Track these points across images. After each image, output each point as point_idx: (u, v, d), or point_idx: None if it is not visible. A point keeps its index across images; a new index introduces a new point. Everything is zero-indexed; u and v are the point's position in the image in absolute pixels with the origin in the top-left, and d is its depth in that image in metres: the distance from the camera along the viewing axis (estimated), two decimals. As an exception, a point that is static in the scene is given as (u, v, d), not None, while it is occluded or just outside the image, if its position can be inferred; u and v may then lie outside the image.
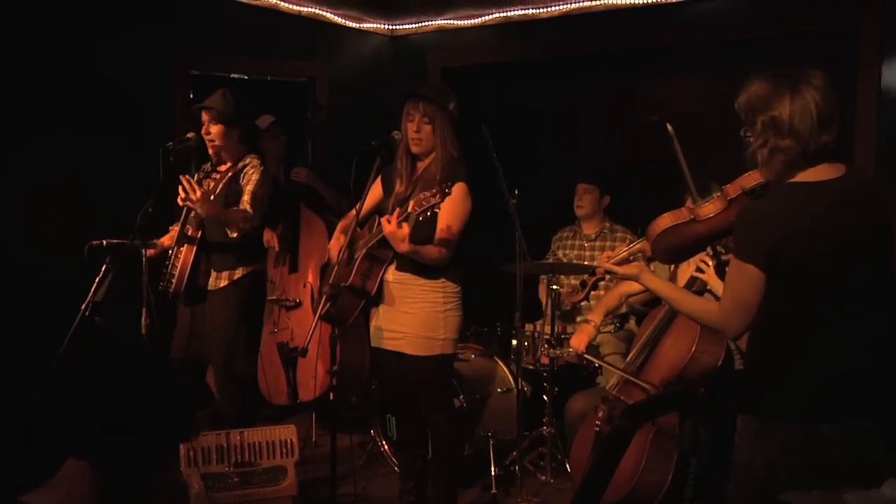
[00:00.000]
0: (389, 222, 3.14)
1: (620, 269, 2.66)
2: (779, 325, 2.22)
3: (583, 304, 4.70)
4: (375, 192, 3.58)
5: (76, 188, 4.59)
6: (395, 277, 3.45)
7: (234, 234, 3.90)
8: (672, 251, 2.52)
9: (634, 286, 4.00)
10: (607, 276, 2.77)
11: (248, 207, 3.89)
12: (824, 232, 2.14)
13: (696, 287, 3.42)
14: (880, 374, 2.18)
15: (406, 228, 3.16)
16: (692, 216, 2.42)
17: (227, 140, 3.98)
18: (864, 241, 2.17)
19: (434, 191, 3.02)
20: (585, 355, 3.89)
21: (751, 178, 2.34)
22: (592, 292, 2.96)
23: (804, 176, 2.18)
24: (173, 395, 1.44)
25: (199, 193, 3.67)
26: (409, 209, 3.08)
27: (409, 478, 3.69)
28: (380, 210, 3.55)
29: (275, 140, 5.10)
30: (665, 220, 2.46)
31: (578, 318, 4.60)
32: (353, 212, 3.58)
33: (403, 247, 3.19)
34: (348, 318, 3.52)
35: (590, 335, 3.88)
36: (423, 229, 3.30)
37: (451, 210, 3.28)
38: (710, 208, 2.39)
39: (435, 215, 3.19)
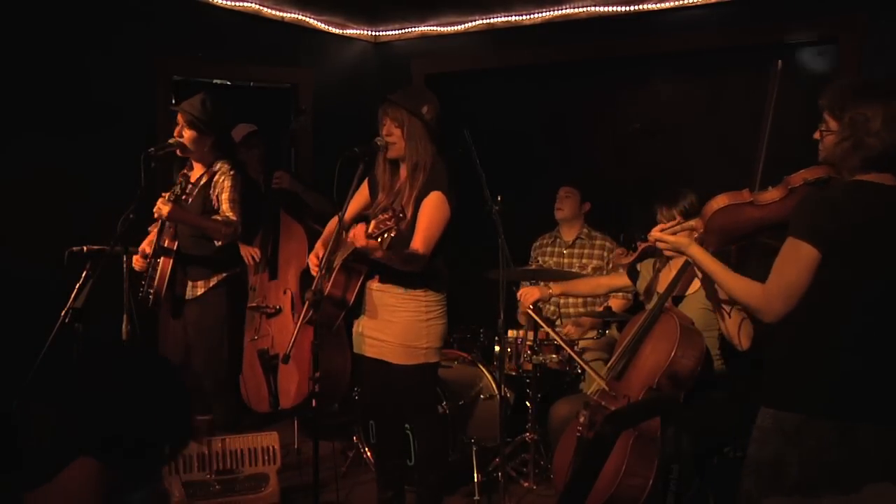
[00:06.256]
0: (360, 234, 3.07)
1: (672, 238, 2.67)
2: (822, 321, 2.26)
3: (572, 309, 4.72)
4: (362, 196, 3.56)
5: (57, 193, 4.56)
6: (378, 286, 3.44)
7: (220, 243, 3.88)
8: (723, 232, 2.51)
9: (616, 281, 3.98)
10: (657, 244, 2.77)
11: (229, 214, 3.87)
12: (883, 231, 2.21)
13: (688, 273, 3.43)
14: None
15: (373, 243, 3.08)
16: (751, 199, 2.43)
17: (199, 146, 3.94)
18: None
19: (388, 214, 2.96)
20: (530, 310, 3.85)
21: (815, 171, 2.37)
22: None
23: (871, 177, 2.25)
24: (173, 396, 1.48)
25: (167, 208, 3.66)
26: (370, 229, 3.01)
27: (388, 487, 3.66)
28: (365, 216, 3.54)
29: (248, 152, 5.03)
30: (723, 199, 2.47)
31: (558, 326, 4.60)
32: (338, 217, 3.57)
33: (378, 254, 3.12)
34: (332, 325, 3.52)
35: (542, 292, 3.84)
36: (399, 240, 3.28)
37: (427, 220, 3.27)
38: (770, 195, 2.41)
39: (411, 227, 3.20)
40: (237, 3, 5.33)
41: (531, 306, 3.87)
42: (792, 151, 2.50)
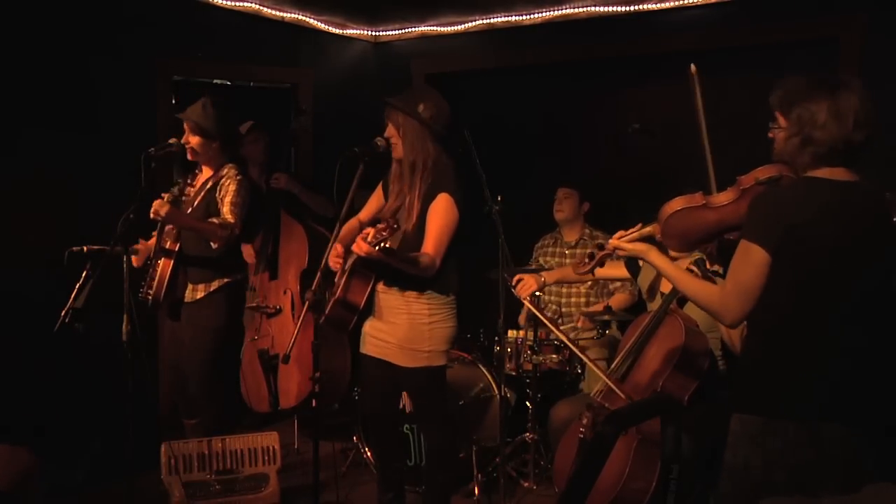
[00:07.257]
0: (362, 242, 3.05)
1: (630, 246, 2.65)
2: (782, 322, 2.25)
3: (574, 308, 4.72)
4: (377, 198, 3.58)
5: (58, 193, 4.56)
6: (383, 288, 3.45)
7: (216, 245, 3.87)
8: (680, 237, 2.50)
9: (612, 272, 3.95)
10: (616, 252, 2.76)
11: (228, 217, 3.86)
12: (836, 228, 2.19)
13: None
14: (867, 379, 2.22)
15: (375, 251, 3.03)
16: (704, 202, 2.43)
17: (206, 150, 3.94)
18: (868, 246, 2.23)
19: (383, 225, 2.96)
20: (527, 301, 3.72)
21: (766, 171, 2.36)
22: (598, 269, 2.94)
23: (823, 173, 2.24)
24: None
25: (165, 209, 3.66)
26: (370, 238, 2.98)
27: (389, 488, 3.66)
28: (378, 220, 3.54)
29: (254, 144, 5.06)
30: (678, 203, 2.46)
31: (562, 326, 4.60)
32: (355, 220, 3.57)
33: (377, 255, 3.05)
34: (346, 328, 3.51)
35: (538, 283, 3.72)
36: (410, 243, 3.29)
37: (437, 223, 3.27)
38: (723, 197, 2.40)
39: (421, 230, 3.22)
40: (237, 3, 5.33)
41: (528, 297, 3.79)
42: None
